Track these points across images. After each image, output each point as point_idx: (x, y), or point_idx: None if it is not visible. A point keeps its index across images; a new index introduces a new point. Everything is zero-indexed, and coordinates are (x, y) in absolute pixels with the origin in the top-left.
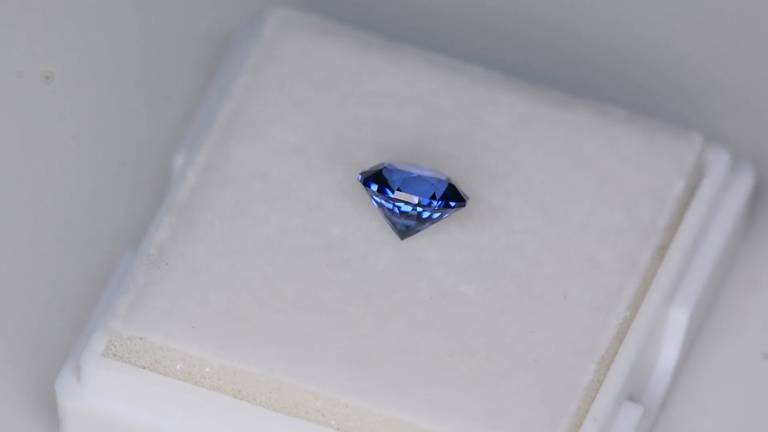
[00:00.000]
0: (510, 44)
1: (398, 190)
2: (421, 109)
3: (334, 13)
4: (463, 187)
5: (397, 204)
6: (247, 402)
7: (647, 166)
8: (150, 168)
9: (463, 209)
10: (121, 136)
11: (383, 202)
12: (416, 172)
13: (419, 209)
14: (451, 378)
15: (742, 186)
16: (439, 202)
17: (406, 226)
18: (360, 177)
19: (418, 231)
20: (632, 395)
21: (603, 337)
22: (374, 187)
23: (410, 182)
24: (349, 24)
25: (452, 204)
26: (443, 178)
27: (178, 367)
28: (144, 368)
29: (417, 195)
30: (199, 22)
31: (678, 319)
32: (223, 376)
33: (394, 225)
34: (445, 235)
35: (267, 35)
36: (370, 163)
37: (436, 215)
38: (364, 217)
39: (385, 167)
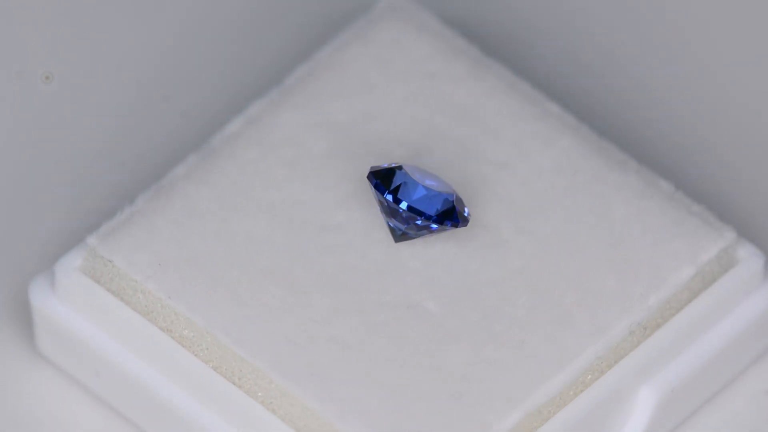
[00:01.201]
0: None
1: (394, 192)
2: (478, 127)
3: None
4: (479, 213)
5: (389, 206)
6: (188, 351)
7: (665, 245)
8: (150, 167)
9: (469, 232)
10: (122, 136)
11: (381, 200)
12: (426, 181)
13: (411, 217)
14: (375, 384)
15: None
16: (432, 216)
17: (400, 229)
18: (370, 170)
19: (412, 237)
20: None
21: (541, 390)
22: (375, 184)
23: (409, 189)
24: (459, 29)
25: (446, 222)
26: (448, 196)
27: (139, 298)
28: (110, 292)
29: (409, 203)
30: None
31: (646, 401)
32: (174, 320)
33: (389, 225)
34: (439, 250)
35: (370, 16)
36: (401, 162)
37: (431, 227)
38: (372, 211)
39: (397, 167)
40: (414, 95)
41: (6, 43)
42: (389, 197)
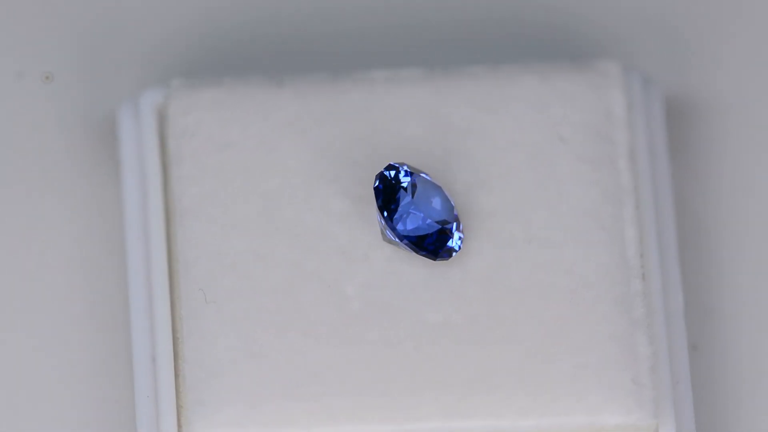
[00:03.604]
0: None
1: (387, 199)
2: (551, 204)
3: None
4: (478, 267)
5: (379, 206)
6: (163, 222)
7: (586, 392)
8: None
9: (450, 269)
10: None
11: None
12: (430, 200)
13: (390, 226)
14: (244, 331)
15: None
16: (403, 234)
17: (383, 230)
18: (387, 165)
19: (394, 244)
20: None
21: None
22: (378, 176)
23: (401, 201)
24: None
25: (405, 242)
26: (432, 226)
27: (167, 152)
28: (159, 135)
29: (392, 213)
30: None
31: None
32: (170, 189)
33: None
34: (412, 265)
35: (578, 66)
36: (448, 179)
37: (403, 244)
38: None
39: (410, 173)
40: (531, 144)
41: (6, 43)
42: (381, 200)
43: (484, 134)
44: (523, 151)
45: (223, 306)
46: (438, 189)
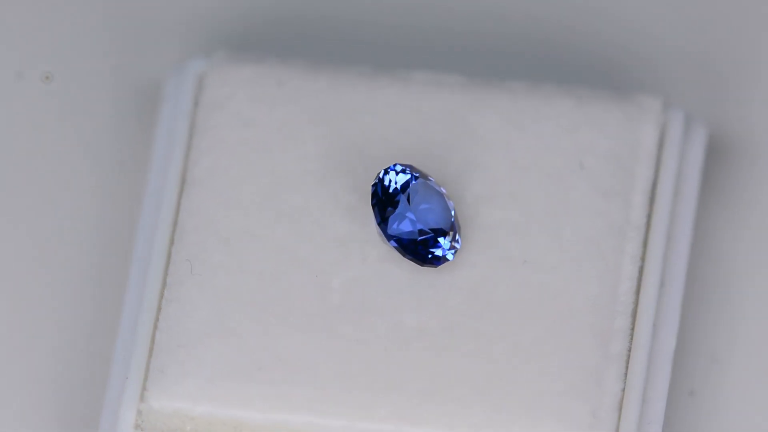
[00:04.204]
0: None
1: (386, 199)
2: (556, 219)
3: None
4: (471, 277)
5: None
6: (177, 188)
7: (541, 411)
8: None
9: (437, 277)
10: (121, 137)
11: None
12: (429, 206)
13: (381, 226)
14: (217, 307)
15: None
16: (392, 239)
17: (377, 229)
18: (392, 165)
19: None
20: None
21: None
22: (377, 179)
23: (398, 201)
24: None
25: (403, 251)
26: (426, 234)
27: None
28: (193, 103)
29: (385, 213)
30: None
31: None
32: (187, 155)
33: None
34: (399, 266)
35: (625, 94)
36: (459, 188)
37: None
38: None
39: (413, 176)
40: (550, 166)
41: (6, 43)
42: (376, 199)
43: (506, 149)
44: (541, 171)
45: (207, 280)
46: (440, 196)
